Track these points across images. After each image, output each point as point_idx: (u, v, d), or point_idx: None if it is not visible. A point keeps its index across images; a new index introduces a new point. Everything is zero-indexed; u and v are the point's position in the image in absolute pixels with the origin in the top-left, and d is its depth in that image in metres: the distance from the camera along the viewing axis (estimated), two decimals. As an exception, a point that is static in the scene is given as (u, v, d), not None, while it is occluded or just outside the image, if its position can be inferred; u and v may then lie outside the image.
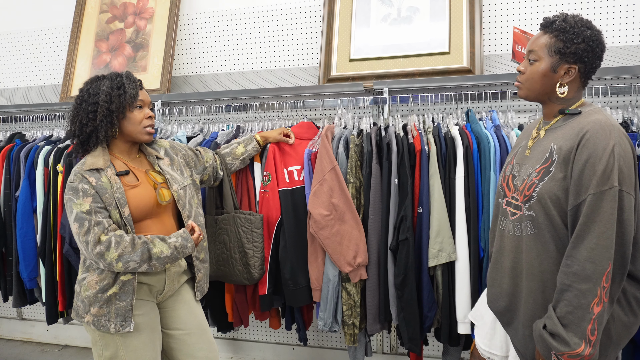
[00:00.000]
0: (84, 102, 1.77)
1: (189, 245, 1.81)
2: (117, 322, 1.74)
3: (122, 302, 1.75)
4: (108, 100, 1.74)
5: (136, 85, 1.82)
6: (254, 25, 2.92)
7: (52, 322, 2.66)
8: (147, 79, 2.94)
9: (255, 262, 2.22)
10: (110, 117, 1.75)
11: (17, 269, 2.72)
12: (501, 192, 1.59)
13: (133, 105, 1.80)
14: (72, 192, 1.71)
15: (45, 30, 3.33)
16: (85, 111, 1.76)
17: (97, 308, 1.74)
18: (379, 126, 2.37)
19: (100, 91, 1.75)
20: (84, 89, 1.80)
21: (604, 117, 1.38)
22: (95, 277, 1.75)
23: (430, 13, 2.57)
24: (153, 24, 3.01)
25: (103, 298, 1.73)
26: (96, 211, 1.69)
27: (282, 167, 2.31)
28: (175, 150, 2.03)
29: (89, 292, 1.75)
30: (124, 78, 1.80)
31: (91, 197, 1.70)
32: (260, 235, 2.23)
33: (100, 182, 1.72)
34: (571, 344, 1.29)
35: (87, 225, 1.67)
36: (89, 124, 1.75)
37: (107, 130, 1.76)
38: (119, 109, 1.76)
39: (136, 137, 1.83)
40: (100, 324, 1.74)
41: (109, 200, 1.72)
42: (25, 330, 3.53)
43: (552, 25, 1.46)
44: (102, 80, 1.79)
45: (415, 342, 2.16)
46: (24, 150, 2.74)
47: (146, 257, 1.70)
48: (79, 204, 1.69)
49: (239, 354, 3.11)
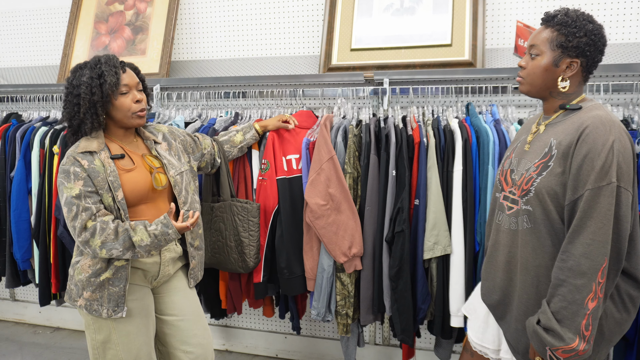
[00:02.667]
0: (69, 94, 1.74)
1: (170, 232, 1.72)
2: (109, 307, 1.73)
3: (115, 287, 1.74)
4: (89, 91, 1.70)
5: (117, 71, 1.74)
6: (255, 11, 2.89)
7: (45, 303, 2.66)
8: (146, 63, 2.91)
9: (250, 251, 2.21)
10: (94, 108, 1.72)
11: (10, 249, 2.71)
12: (499, 186, 1.59)
13: (116, 92, 1.73)
14: (64, 175, 1.70)
15: (44, 10, 3.29)
16: (70, 103, 1.73)
17: (89, 292, 1.73)
18: (378, 117, 2.35)
19: (81, 82, 1.71)
20: (68, 79, 1.76)
21: (605, 112, 1.38)
22: (88, 261, 1.74)
23: (433, 5, 2.55)
24: (153, 7, 2.98)
25: (96, 282, 1.73)
26: (86, 196, 1.68)
27: (280, 155, 2.29)
28: (174, 136, 2.00)
29: (81, 275, 1.74)
30: (103, 64, 1.72)
31: (82, 181, 1.68)
32: (256, 224, 2.22)
33: (92, 165, 1.70)
34: (565, 339, 1.29)
35: (75, 211, 1.66)
36: (75, 117, 1.73)
37: (92, 121, 1.73)
38: (102, 98, 1.71)
39: (127, 122, 1.79)
40: (93, 309, 1.73)
41: (101, 183, 1.70)
42: (18, 311, 3.53)
43: (554, 20, 1.45)
44: (83, 70, 1.74)
45: (408, 333, 2.17)
46: (20, 131, 2.72)
47: (128, 245, 1.68)
48: (69, 188, 1.68)
49: (231, 341, 3.11)
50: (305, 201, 2.18)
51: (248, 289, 2.42)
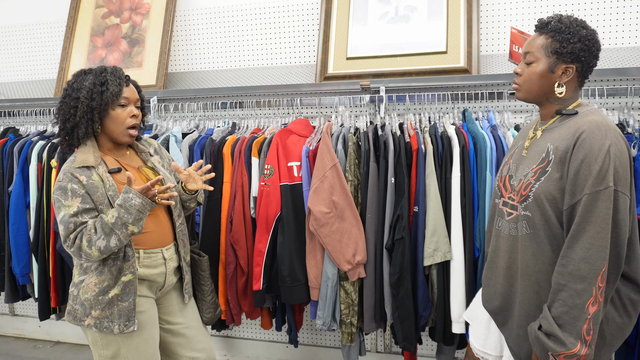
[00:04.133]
0: (67, 96, 1.74)
1: (131, 195, 1.61)
2: (120, 322, 1.71)
3: (125, 302, 1.72)
4: (89, 96, 1.70)
5: (121, 82, 1.75)
6: (251, 22, 2.91)
7: (45, 318, 2.65)
8: (143, 75, 2.92)
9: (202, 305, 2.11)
10: (91, 113, 1.71)
11: (9, 264, 2.70)
12: (498, 192, 1.59)
13: (115, 102, 1.74)
14: (61, 192, 1.67)
15: (41, 24, 3.30)
16: (67, 105, 1.73)
17: (98, 311, 1.70)
18: (375, 124, 2.36)
19: (82, 86, 1.71)
20: (69, 82, 1.76)
21: (601, 117, 1.39)
22: (94, 279, 1.71)
23: (427, 12, 2.57)
24: (149, 19, 2.99)
25: (105, 300, 1.70)
26: (83, 212, 1.66)
27: (284, 161, 2.29)
28: (163, 152, 2.02)
29: (87, 294, 1.71)
30: (109, 74, 1.74)
31: (80, 198, 1.66)
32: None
33: (91, 181, 1.69)
34: (567, 344, 1.29)
35: (71, 228, 1.64)
36: (70, 119, 1.72)
37: (87, 127, 1.72)
38: (101, 105, 1.71)
39: (117, 137, 1.78)
40: (103, 326, 1.71)
41: (101, 199, 1.69)
42: (17, 326, 3.51)
43: (548, 26, 1.47)
44: (87, 75, 1.75)
45: (409, 341, 2.16)
46: (17, 145, 2.72)
47: (107, 230, 1.62)
48: (67, 206, 1.65)
49: (232, 351, 3.10)
50: (309, 209, 2.18)
51: (245, 298, 2.40)
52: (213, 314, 2.09)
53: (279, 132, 2.34)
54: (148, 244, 1.80)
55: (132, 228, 1.64)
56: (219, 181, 2.37)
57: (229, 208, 2.35)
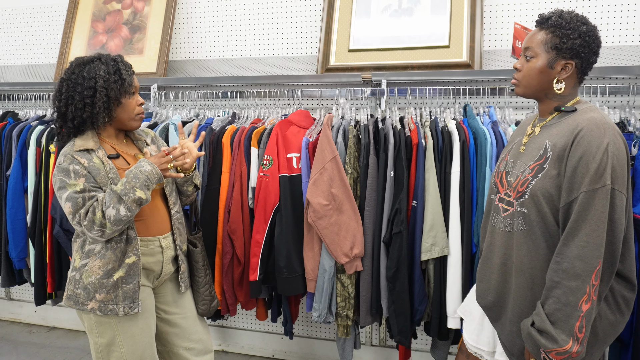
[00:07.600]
0: (78, 85, 1.69)
1: (143, 163, 1.68)
2: (125, 304, 1.72)
3: (129, 284, 1.73)
4: (106, 86, 1.69)
5: (131, 72, 1.78)
6: (253, 11, 2.89)
7: (41, 303, 2.65)
8: (144, 62, 2.91)
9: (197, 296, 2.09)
10: (109, 103, 1.71)
11: (6, 248, 2.70)
12: (494, 188, 1.59)
13: (128, 92, 1.75)
14: (64, 173, 1.67)
15: (41, 8, 3.28)
16: (81, 95, 1.69)
17: (103, 294, 1.71)
18: (376, 118, 2.35)
19: (96, 75, 1.69)
20: (76, 71, 1.72)
21: (599, 115, 1.38)
22: (97, 262, 1.71)
23: (431, 6, 2.55)
24: (151, 6, 2.97)
25: (109, 283, 1.71)
26: (90, 190, 1.66)
27: (284, 152, 2.28)
28: (159, 141, 2.03)
29: (92, 278, 1.71)
30: (119, 63, 1.75)
31: (84, 178, 1.67)
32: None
33: (92, 163, 1.69)
34: (559, 341, 1.29)
35: (80, 202, 1.63)
36: (85, 109, 1.70)
37: (104, 117, 1.72)
38: (116, 95, 1.72)
39: (128, 124, 1.80)
40: (108, 309, 1.71)
41: (103, 180, 1.70)
42: (13, 310, 3.52)
43: (548, 22, 1.46)
44: (94, 63, 1.72)
45: (404, 335, 2.16)
46: (16, 129, 2.71)
47: (116, 198, 1.63)
48: (72, 184, 1.65)
49: (227, 341, 3.11)
50: (307, 201, 2.17)
51: (241, 287, 2.40)
52: (208, 306, 2.07)
53: (279, 123, 2.33)
54: (145, 232, 1.81)
55: (140, 193, 1.64)
56: (217, 171, 2.36)
57: (227, 198, 2.34)
